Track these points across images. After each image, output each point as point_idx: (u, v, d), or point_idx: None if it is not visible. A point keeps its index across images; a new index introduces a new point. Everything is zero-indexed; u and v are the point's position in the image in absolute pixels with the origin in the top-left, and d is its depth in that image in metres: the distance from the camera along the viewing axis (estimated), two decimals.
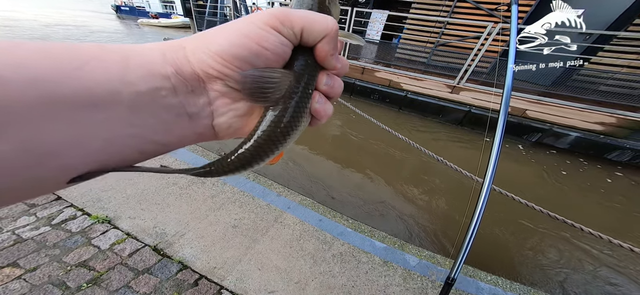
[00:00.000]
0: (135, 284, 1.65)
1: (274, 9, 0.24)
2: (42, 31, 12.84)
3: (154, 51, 0.22)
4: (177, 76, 0.22)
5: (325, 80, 0.28)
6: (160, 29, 18.91)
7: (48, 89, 0.17)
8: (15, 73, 0.16)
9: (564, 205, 3.95)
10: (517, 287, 1.94)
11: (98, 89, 0.19)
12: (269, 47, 0.23)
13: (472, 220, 0.87)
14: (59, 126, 0.17)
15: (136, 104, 0.20)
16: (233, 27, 0.23)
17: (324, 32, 0.25)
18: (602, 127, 4.82)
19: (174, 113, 0.23)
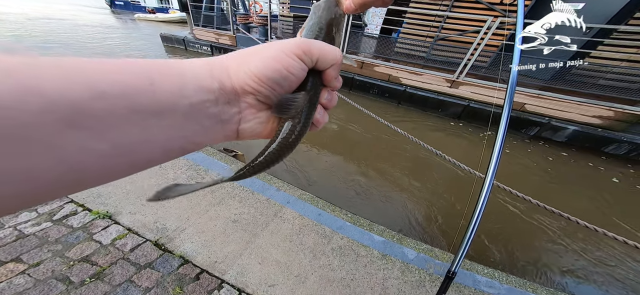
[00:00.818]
0: (138, 278, 1.67)
1: (298, 40, 0.30)
2: (25, 24, 12.74)
3: (204, 68, 0.28)
4: (220, 90, 0.28)
5: (326, 96, 0.36)
6: (157, 24, 18.66)
7: (132, 101, 0.22)
8: (112, 87, 0.21)
9: (558, 198, 3.99)
10: (513, 279, 1.98)
11: (163, 101, 0.24)
12: (294, 72, 0.30)
13: (473, 215, 0.88)
14: (135, 129, 0.22)
15: (188, 113, 0.26)
16: (267, 53, 0.29)
17: (333, 61, 0.32)
18: (600, 120, 4.84)
19: (213, 120, 0.28)
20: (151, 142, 0.24)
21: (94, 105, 0.20)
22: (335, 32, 0.38)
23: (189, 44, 9.93)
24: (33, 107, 0.17)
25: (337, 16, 0.38)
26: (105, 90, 0.20)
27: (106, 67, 0.22)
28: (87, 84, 0.20)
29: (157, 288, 1.64)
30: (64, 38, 11.21)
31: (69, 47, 9.83)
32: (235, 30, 8.59)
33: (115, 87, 0.21)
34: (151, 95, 0.23)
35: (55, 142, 0.18)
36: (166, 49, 10.65)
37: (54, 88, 0.18)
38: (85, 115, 0.19)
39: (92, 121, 0.20)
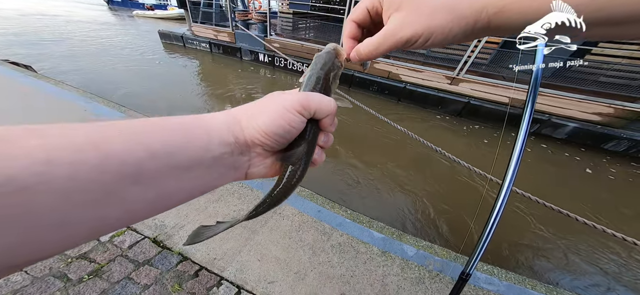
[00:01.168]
0: (136, 275, 1.66)
1: (299, 96, 0.35)
2: (18, 20, 12.71)
3: (222, 125, 0.33)
4: (235, 143, 0.33)
5: (323, 139, 0.41)
6: (155, 21, 18.53)
7: (173, 159, 0.27)
8: (162, 147, 0.27)
9: (558, 194, 3.99)
10: (513, 276, 1.97)
11: (194, 157, 0.29)
12: (295, 126, 0.35)
13: (489, 220, 0.85)
14: (172, 181, 0.27)
15: (211, 165, 0.31)
16: (272, 108, 0.34)
17: (328, 112, 0.37)
18: (600, 117, 4.83)
19: (228, 167, 0.34)
20: (182, 190, 0.29)
21: (149, 165, 0.25)
22: (332, 82, 0.42)
23: (188, 41, 9.87)
24: (112, 168, 0.23)
25: (336, 68, 0.42)
26: (157, 150, 0.26)
27: (155, 128, 0.27)
28: (145, 145, 0.25)
29: (155, 285, 1.63)
30: (57, 35, 11.14)
31: (60, 44, 9.75)
32: (234, 27, 8.54)
33: (164, 146, 0.27)
34: (186, 152, 0.28)
35: (123, 195, 0.24)
36: (164, 45, 10.58)
37: (123, 151, 0.24)
38: (143, 174, 0.25)
39: (147, 178, 0.25)
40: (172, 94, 6.25)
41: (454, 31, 0.35)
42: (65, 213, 0.20)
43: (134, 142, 0.25)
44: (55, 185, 0.19)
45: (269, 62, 8.14)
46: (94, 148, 0.22)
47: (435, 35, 0.35)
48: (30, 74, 4.75)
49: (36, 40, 9.80)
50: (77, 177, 0.20)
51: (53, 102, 3.66)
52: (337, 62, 0.42)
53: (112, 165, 0.22)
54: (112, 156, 0.23)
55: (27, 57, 7.41)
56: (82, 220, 0.22)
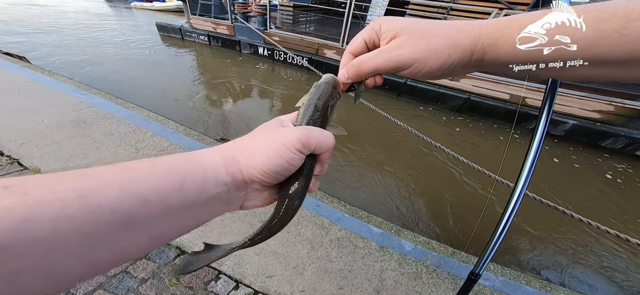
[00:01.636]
0: (133, 269, 1.65)
1: (299, 133, 0.34)
2: (5, 8, 12.53)
3: (220, 165, 0.33)
4: (233, 182, 0.33)
5: (319, 169, 0.41)
6: (153, 13, 18.26)
7: (166, 203, 0.27)
8: (153, 193, 0.26)
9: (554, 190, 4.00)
10: (508, 272, 1.98)
11: (189, 199, 0.29)
12: (294, 164, 0.35)
13: (500, 222, 0.84)
14: (166, 224, 0.28)
15: (206, 204, 0.31)
16: (271, 146, 0.34)
17: (327, 147, 0.37)
18: (600, 115, 4.83)
19: (224, 203, 0.34)
20: (176, 229, 0.30)
21: (141, 212, 0.25)
22: (330, 113, 0.42)
23: (186, 34, 9.75)
24: (102, 218, 0.23)
25: (334, 100, 0.42)
26: (148, 197, 0.26)
27: (146, 173, 0.27)
28: (136, 193, 0.25)
29: (153, 279, 1.63)
30: (45, 25, 10.98)
31: (51, 33, 9.62)
32: (233, 20, 8.43)
33: (155, 193, 0.26)
34: (180, 195, 0.28)
35: (114, 243, 0.24)
36: (162, 38, 10.45)
37: (114, 201, 0.24)
38: (135, 221, 0.25)
39: (138, 224, 0.25)
40: (167, 84, 6.19)
41: (451, 60, 0.35)
42: (51, 264, 0.21)
43: (126, 192, 0.25)
44: (37, 241, 0.20)
45: (269, 55, 8.06)
46: (81, 202, 0.22)
47: (431, 62, 0.35)
48: (25, 65, 4.68)
49: (26, 31, 9.65)
50: (62, 230, 0.21)
51: (48, 93, 3.61)
52: (335, 93, 0.42)
53: (101, 217, 0.23)
54: (101, 208, 0.23)
55: (17, 47, 7.30)
56: (70, 269, 0.22)
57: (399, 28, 0.37)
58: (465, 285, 0.95)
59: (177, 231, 0.30)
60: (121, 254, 0.25)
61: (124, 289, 1.55)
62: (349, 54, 0.43)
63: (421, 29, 0.36)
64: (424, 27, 0.36)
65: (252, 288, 1.69)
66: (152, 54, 8.62)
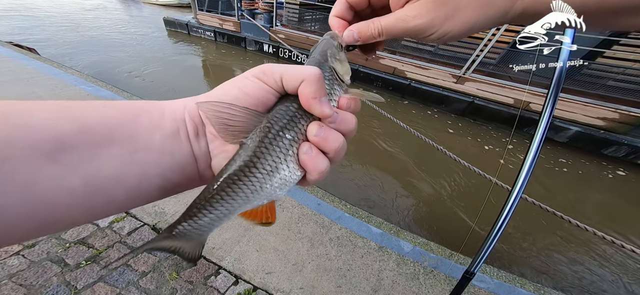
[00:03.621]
0: (134, 262, 1.67)
1: (264, 65, 0.28)
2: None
3: (179, 104, 0.29)
4: (190, 120, 0.28)
5: (316, 131, 0.27)
6: (159, 8, 18.34)
7: (113, 133, 0.22)
8: (99, 124, 0.22)
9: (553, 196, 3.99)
10: (503, 274, 1.99)
11: (141, 132, 0.24)
12: (249, 91, 0.27)
13: (495, 223, 0.85)
14: (110, 164, 0.22)
15: (163, 146, 0.25)
16: (231, 81, 0.29)
17: (301, 77, 0.27)
18: (604, 122, 4.79)
19: (185, 153, 0.27)
20: (125, 179, 0.23)
21: (78, 141, 0.20)
22: (332, 62, 0.33)
23: (192, 29, 9.79)
24: (23, 139, 0.18)
25: (332, 48, 0.34)
26: (91, 125, 0.21)
27: (97, 105, 0.23)
28: (76, 118, 0.21)
29: (153, 272, 1.65)
30: (56, 17, 11.05)
31: (62, 26, 9.68)
32: (239, 16, 8.45)
33: (102, 122, 0.22)
34: (131, 126, 0.24)
35: (34, 175, 0.18)
36: (169, 33, 10.49)
37: (44, 122, 0.19)
38: (67, 151, 0.20)
39: (71, 158, 0.20)
40: (176, 81, 6.23)
41: (480, 23, 0.30)
42: None
43: (64, 115, 0.20)
44: None
45: (274, 53, 8.08)
46: (2, 119, 0.18)
47: (454, 31, 0.30)
48: (34, 56, 4.73)
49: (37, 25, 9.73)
50: None
51: (56, 84, 3.65)
52: (335, 42, 0.35)
53: (23, 137, 0.18)
54: (27, 127, 0.18)
55: (26, 40, 7.37)
56: None
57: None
58: (460, 284, 0.97)
59: (133, 183, 0.23)
60: (40, 197, 0.19)
61: (124, 282, 1.57)
62: (343, 2, 0.36)
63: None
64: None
65: (251, 283, 1.71)
66: (161, 50, 8.66)
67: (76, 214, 0.21)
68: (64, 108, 0.21)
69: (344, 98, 0.31)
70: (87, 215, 0.22)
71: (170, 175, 0.26)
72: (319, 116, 0.28)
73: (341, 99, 0.31)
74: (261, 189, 0.27)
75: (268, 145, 0.27)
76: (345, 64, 0.34)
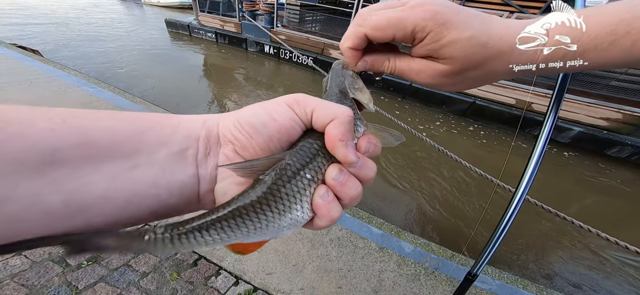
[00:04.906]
0: (135, 263, 1.68)
1: (300, 94, 0.27)
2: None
3: (200, 118, 0.27)
4: (205, 138, 0.26)
5: (335, 174, 0.26)
6: (160, 10, 18.44)
7: (115, 149, 0.21)
8: (104, 138, 0.21)
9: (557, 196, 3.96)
10: (506, 275, 1.98)
11: (144, 150, 0.22)
12: (278, 118, 0.26)
13: (499, 225, 0.84)
14: (100, 181, 0.20)
15: (165, 164, 0.23)
16: (261, 103, 0.27)
17: (332, 115, 0.25)
18: (607, 122, 4.76)
19: (189, 173, 0.25)
20: (112, 199, 0.21)
21: (73, 153, 0.19)
22: (353, 94, 0.32)
23: (194, 30, 9.84)
24: (8, 155, 0.17)
25: (348, 79, 0.33)
26: (97, 138, 0.20)
27: (105, 115, 0.22)
28: (81, 129, 0.20)
29: (154, 273, 1.65)
30: (61, 18, 11.14)
31: (62, 27, 9.76)
32: (240, 18, 8.48)
33: (108, 136, 0.21)
34: (135, 143, 0.22)
35: (7, 195, 0.17)
36: (171, 34, 10.55)
37: (41, 133, 0.18)
38: (56, 163, 0.18)
39: (57, 170, 0.18)
40: (180, 82, 6.26)
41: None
42: None
43: (67, 127, 0.19)
44: None
45: (275, 53, 8.10)
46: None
47: (454, 92, 0.34)
48: (37, 58, 4.78)
49: (40, 22, 9.82)
50: None
51: (59, 86, 3.68)
52: (345, 72, 0.34)
53: (6, 152, 0.17)
54: (15, 137, 0.17)
55: (30, 41, 7.44)
56: None
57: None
58: (462, 286, 0.96)
59: (114, 205, 0.21)
60: (11, 214, 0.17)
61: (125, 283, 1.58)
62: (363, 34, 0.32)
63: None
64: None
65: (252, 284, 1.71)
66: (162, 51, 8.71)
67: (52, 232, 0.19)
68: (70, 117, 0.20)
69: (364, 139, 0.28)
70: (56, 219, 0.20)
71: (166, 197, 0.24)
72: (342, 161, 0.26)
73: (361, 139, 0.29)
74: (267, 227, 0.25)
75: (286, 184, 0.25)
76: (365, 91, 0.33)
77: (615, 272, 2.86)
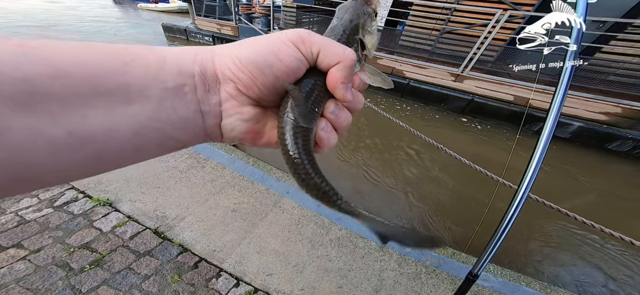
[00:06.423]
0: (137, 266, 1.69)
1: (301, 30, 0.26)
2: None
3: (189, 53, 0.25)
4: (201, 75, 0.25)
5: (332, 108, 0.29)
6: (158, 14, 18.49)
7: (97, 82, 0.20)
8: (79, 68, 0.19)
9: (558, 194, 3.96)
10: (508, 273, 1.98)
11: (134, 85, 0.21)
12: (282, 57, 0.25)
13: (501, 223, 0.84)
14: (97, 114, 0.20)
15: (162, 100, 0.23)
16: (262, 40, 0.26)
17: (338, 58, 0.26)
18: (607, 117, 4.75)
19: (191, 109, 0.25)
20: (117, 131, 0.21)
21: (52, 85, 0.18)
22: (363, 34, 0.31)
23: (191, 34, 9.86)
24: None
25: (365, 17, 0.31)
26: (69, 69, 0.19)
27: (80, 46, 0.20)
28: (49, 60, 0.18)
29: (156, 275, 1.66)
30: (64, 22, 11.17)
31: (61, 31, 9.78)
32: (237, 21, 8.50)
33: (82, 66, 0.19)
34: (120, 76, 0.21)
35: (6, 125, 0.16)
36: (168, 39, 10.58)
37: (10, 63, 0.16)
38: (41, 97, 0.17)
39: (47, 105, 0.18)
40: None
41: None
42: None
43: (34, 56, 0.18)
44: None
45: None
46: None
47: None
48: None
49: None
50: None
51: None
52: (366, 9, 0.32)
53: None
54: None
55: None
56: None
57: None
58: (463, 286, 0.96)
59: (125, 136, 0.21)
60: (17, 143, 0.17)
61: (127, 285, 1.58)
62: None
63: None
64: None
65: (252, 285, 1.71)
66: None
67: (62, 165, 0.19)
68: (30, 49, 0.18)
69: (357, 76, 0.30)
70: (76, 169, 0.21)
71: (170, 131, 0.24)
72: (340, 100, 0.28)
73: (355, 76, 0.30)
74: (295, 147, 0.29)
75: (296, 115, 0.27)
76: (374, 36, 0.33)
77: (618, 267, 2.85)
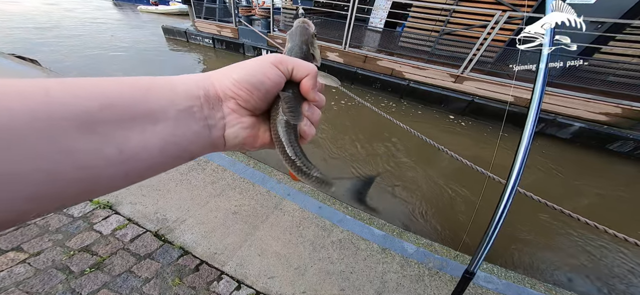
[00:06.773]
0: (137, 269, 1.68)
1: (277, 54, 0.36)
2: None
3: (191, 79, 0.32)
4: (205, 96, 0.32)
5: (306, 109, 0.39)
6: (158, 16, 18.54)
7: (132, 110, 0.25)
8: (118, 99, 0.25)
9: (559, 194, 3.95)
10: (512, 274, 1.96)
11: (156, 109, 0.27)
12: (270, 76, 0.34)
13: (492, 220, 0.84)
14: (135, 135, 0.25)
15: (178, 119, 0.29)
16: (251, 63, 0.35)
17: (307, 71, 0.37)
18: (607, 117, 4.76)
19: (201, 124, 0.31)
20: (149, 147, 0.27)
21: (102, 114, 0.23)
22: (312, 49, 0.44)
23: (191, 36, 9.87)
24: (56, 114, 0.20)
25: (311, 38, 0.44)
26: (111, 100, 0.24)
27: (111, 81, 0.26)
28: (96, 95, 0.24)
29: (156, 278, 1.65)
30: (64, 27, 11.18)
31: (61, 34, 9.79)
32: (237, 23, 8.51)
33: (120, 97, 0.25)
34: (145, 104, 0.26)
35: (72, 146, 0.21)
36: (168, 41, 10.59)
37: (71, 99, 0.22)
38: (96, 122, 0.23)
39: (101, 127, 0.23)
40: None
41: None
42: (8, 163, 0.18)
43: (87, 92, 0.23)
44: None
45: None
46: (45, 98, 0.20)
47: None
48: (36, 67, 4.79)
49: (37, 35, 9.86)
50: (13, 126, 0.19)
51: None
52: (309, 30, 0.44)
53: (56, 111, 0.20)
54: (53, 102, 0.21)
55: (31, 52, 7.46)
56: (23, 175, 0.19)
57: None
58: (460, 284, 0.96)
59: (153, 151, 0.27)
60: (86, 165, 0.22)
61: (128, 288, 1.57)
62: None
63: None
64: None
65: (253, 288, 1.70)
66: (160, 55, 8.74)
67: (113, 178, 0.25)
68: (81, 87, 0.23)
69: (318, 83, 0.41)
70: (122, 181, 0.26)
71: (186, 144, 0.30)
72: (311, 101, 0.39)
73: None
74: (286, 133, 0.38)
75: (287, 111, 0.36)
76: (318, 49, 0.45)
77: (622, 268, 2.84)
